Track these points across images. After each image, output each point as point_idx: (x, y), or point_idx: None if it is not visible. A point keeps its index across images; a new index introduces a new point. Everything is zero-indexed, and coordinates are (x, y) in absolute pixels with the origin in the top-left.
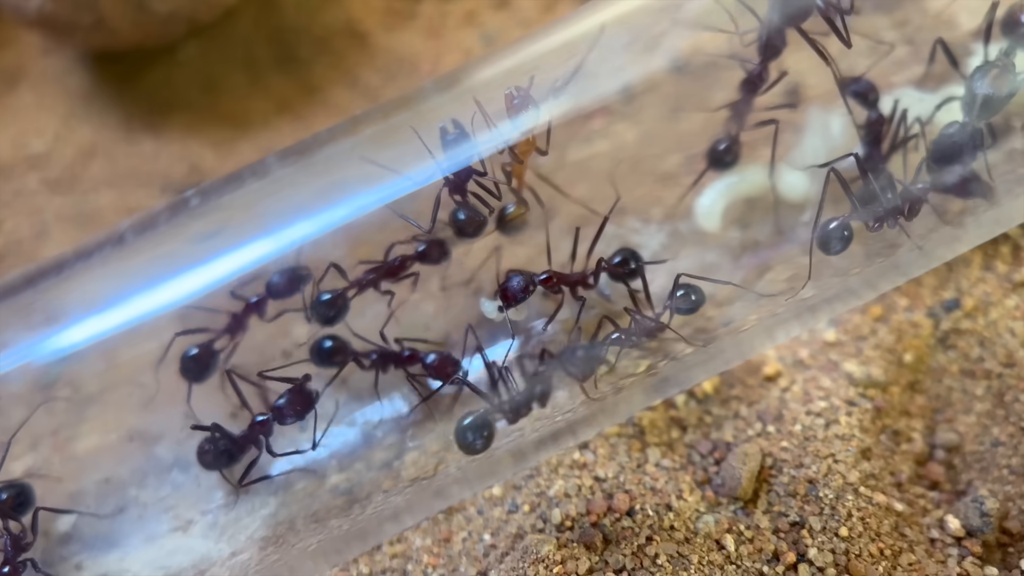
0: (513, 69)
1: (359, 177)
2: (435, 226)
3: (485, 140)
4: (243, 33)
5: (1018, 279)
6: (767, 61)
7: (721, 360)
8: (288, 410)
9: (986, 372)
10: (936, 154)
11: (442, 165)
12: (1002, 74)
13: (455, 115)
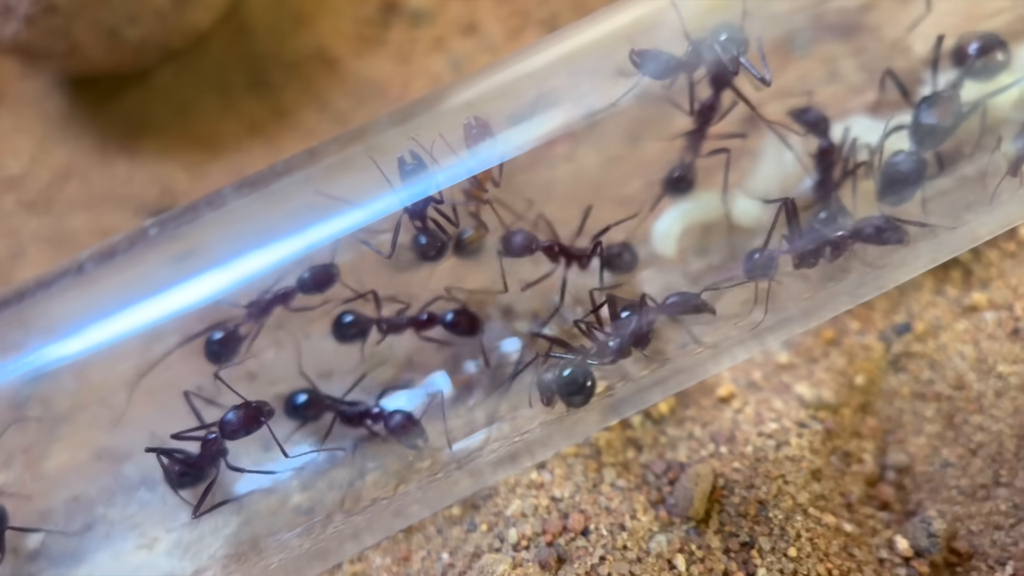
0: (477, 98)
1: (316, 207)
2: (395, 251)
3: (444, 169)
4: (216, 58)
5: (968, 303)
6: (718, 91)
7: (676, 382)
8: (235, 426)
9: (936, 394)
10: (883, 183)
11: (400, 194)
12: (946, 104)
13: (419, 141)
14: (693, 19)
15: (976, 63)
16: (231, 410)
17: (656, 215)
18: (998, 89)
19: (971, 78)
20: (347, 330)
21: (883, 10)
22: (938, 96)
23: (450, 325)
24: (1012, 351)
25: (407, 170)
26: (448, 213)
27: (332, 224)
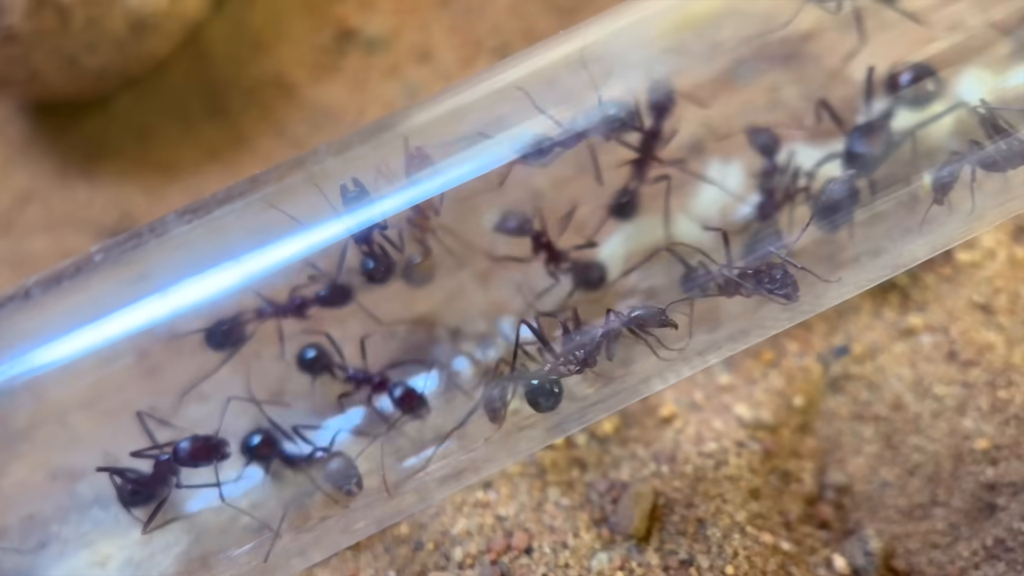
0: (421, 126)
1: (260, 231)
2: (341, 273)
3: (387, 196)
4: (175, 84)
5: (905, 326)
6: (660, 119)
7: (619, 399)
8: (186, 455)
9: (875, 415)
10: (818, 209)
11: (344, 220)
12: (877, 133)
13: (363, 168)
14: (665, 35)
15: (907, 92)
16: (188, 439)
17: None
18: (930, 117)
19: (904, 107)
20: (311, 365)
21: (824, 39)
22: (869, 125)
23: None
24: (948, 373)
25: (349, 197)
26: (394, 239)
27: (278, 250)
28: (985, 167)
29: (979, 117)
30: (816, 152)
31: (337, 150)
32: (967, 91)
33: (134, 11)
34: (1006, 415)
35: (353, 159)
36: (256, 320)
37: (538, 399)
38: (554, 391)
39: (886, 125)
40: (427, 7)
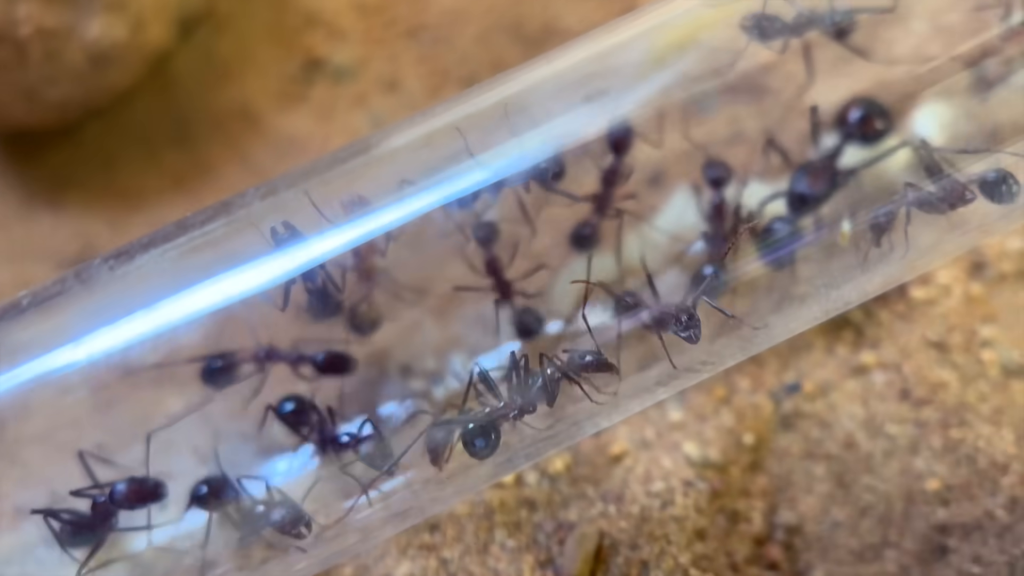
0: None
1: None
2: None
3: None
4: (142, 113)
5: (857, 364)
6: (620, 154)
7: (568, 435)
8: (125, 499)
9: (826, 454)
10: (761, 247)
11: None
12: (820, 173)
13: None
14: (657, 53)
15: (856, 130)
16: (125, 481)
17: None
18: (873, 158)
19: (853, 144)
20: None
21: (784, 72)
22: (812, 164)
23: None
24: (900, 412)
25: (280, 239)
26: (336, 279)
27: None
28: (924, 208)
29: (919, 157)
30: (766, 189)
31: (264, 194)
32: (922, 126)
33: (93, 44)
34: (958, 455)
35: (283, 202)
36: (252, 363)
37: (473, 445)
38: (490, 437)
39: (831, 165)
40: (395, 37)
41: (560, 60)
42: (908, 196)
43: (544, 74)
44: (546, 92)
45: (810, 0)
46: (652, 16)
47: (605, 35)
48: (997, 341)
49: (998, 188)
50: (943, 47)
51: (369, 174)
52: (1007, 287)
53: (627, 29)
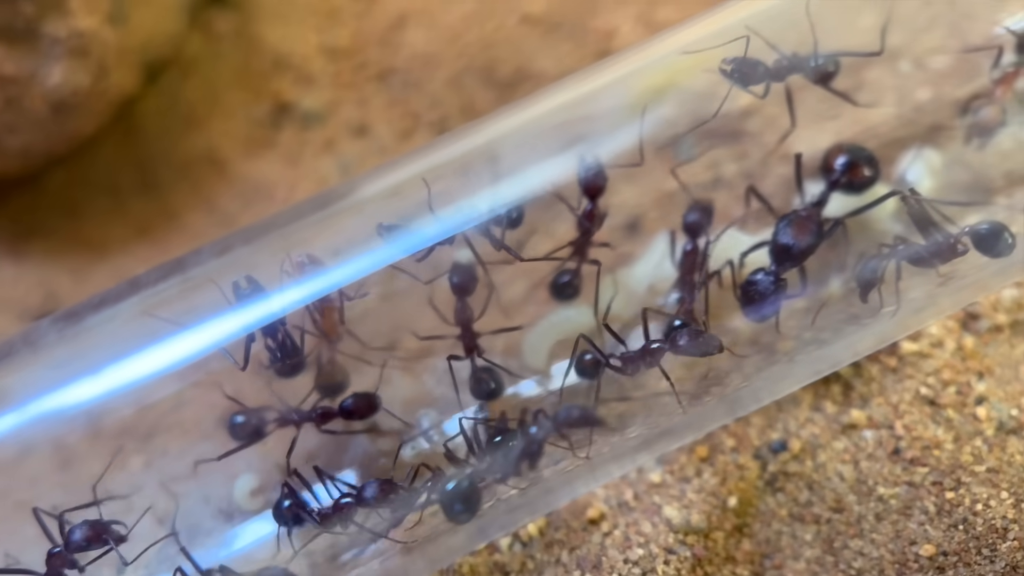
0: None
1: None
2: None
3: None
4: (107, 160)
5: (847, 421)
6: (594, 200)
7: (545, 502)
8: (79, 544)
9: (815, 517)
10: (743, 301)
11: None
12: (803, 224)
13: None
14: (640, 97)
15: (842, 177)
16: (77, 526)
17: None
18: (858, 208)
19: (839, 192)
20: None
21: (765, 116)
22: (795, 215)
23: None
24: (893, 472)
25: (242, 294)
26: (294, 337)
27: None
28: (914, 263)
29: (908, 208)
30: (748, 239)
31: (220, 251)
32: (912, 173)
33: (54, 91)
34: (953, 519)
35: (238, 259)
36: (276, 424)
37: (452, 509)
38: (470, 502)
39: (816, 214)
40: (365, 81)
41: (535, 107)
42: (897, 250)
43: (518, 121)
44: (520, 139)
45: (795, 43)
46: (629, 62)
47: (581, 81)
48: (992, 397)
49: (993, 241)
50: (933, 91)
51: (332, 227)
52: (1002, 340)
53: (603, 75)
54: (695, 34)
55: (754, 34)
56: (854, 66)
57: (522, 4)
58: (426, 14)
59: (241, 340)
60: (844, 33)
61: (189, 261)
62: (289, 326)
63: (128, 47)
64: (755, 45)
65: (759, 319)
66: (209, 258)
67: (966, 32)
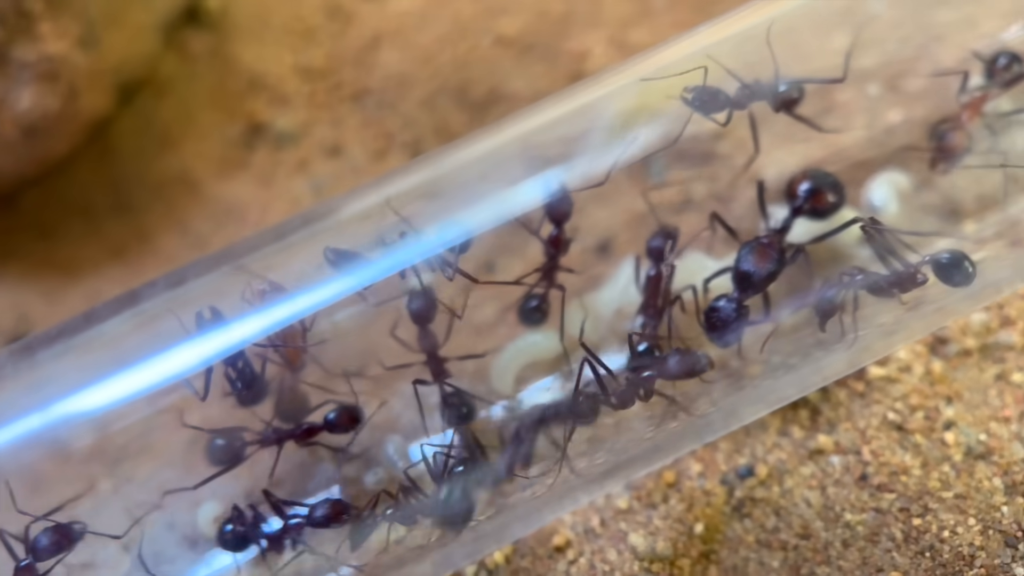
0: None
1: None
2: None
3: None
4: (82, 181)
5: (813, 447)
6: (559, 225)
7: (511, 531)
8: (48, 548)
9: (782, 543)
10: (706, 326)
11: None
12: (764, 251)
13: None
14: (621, 118)
15: (805, 204)
16: (42, 533)
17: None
18: (827, 232)
19: (803, 217)
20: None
21: (735, 139)
22: (756, 242)
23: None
24: (860, 498)
25: (204, 324)
26: (253, 365)
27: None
28: (873, 292)
29: (867, 237)
30: (714, 264)
31: (171, 284)
32: (878, 197)
33: (24, 116)
34: (920, 546)
35: (189, 292)
36: (257, 445)
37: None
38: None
39: (778, 241)
40: (340, 102)
41: (504, 131)
42: (855, 280)
43: (486, 147)
44: (488, 165)
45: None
46: (601, 86)
47: (551, 105)
48: (961, 422)
49: (954, 270)
50: (904, 113)
51: (292, 254)
52: (971, 364)
53: (575, 99)
54: (666, 59)
55: (714, 62)
56: (824, 89)
57: (496, 26)
58: (401, 35)
59: (201, 371)
60: (817, 55)
61: (143, 294)
62: (250, 354)
63: (100, 69)
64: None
65: (723, 345)
66: (164, 290)
67: (936, 55)
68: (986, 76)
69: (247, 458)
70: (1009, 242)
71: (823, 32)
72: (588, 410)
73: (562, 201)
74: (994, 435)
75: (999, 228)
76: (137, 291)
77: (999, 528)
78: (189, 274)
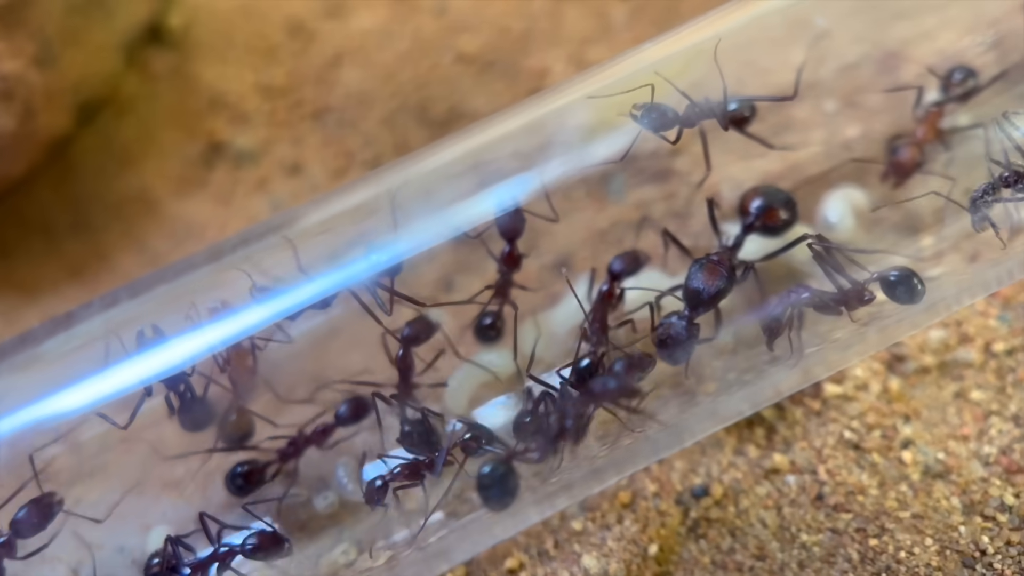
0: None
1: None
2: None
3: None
4: (42, 200)
5: (769, 466)
6: (512, 242)
7: (462, 549)
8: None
9: (738, 565)
10: (657, 344)
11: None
12: (713, 269)
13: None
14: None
15: (757, 221)
16: (22, 508)
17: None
18: (777, 250)
19: (756, 234)
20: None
21: (693, 155)
22: (706, 259)
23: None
24: (816, 518)
25: (145, 342)
26: (195, 388)
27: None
28: (819, 310)
29: (814, 254)
30: (669, 281)
31: (106, 305)
32: (833, 213)
33: None
34: (877, 567)
35: (123, 314)
36: (279, 461)
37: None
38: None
39: (728, 259)
40: (300, 120)
41: (457, 145)
42: (800, 298)
43: (441, 159)
44: (438, 179)
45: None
46: (554, 100)
47: (502, 121)
48: (919, 440)
49: (901, 287)
50: (862, 129)
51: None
52: (929, 382)
53: (527, 114)
54: (618, 74)
55: (662, 79)
56: (781, 106)
57: (457, 43)
58: (362, 53)
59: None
60: (776, 70)
61: (77, 315)
62: (195, 376)
63: (58, 88)
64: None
65: (673, 363)
66: (99, 311)
67: (895, 70)
68: (942, 91)
69: (268, 479)
70: (966, 257)
71: (780, 48)
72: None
73: (513, 218)
74: (952, 454)
75: (955, 242)
76: (73, 312)
77: (956, 548)
78: (123, 295)
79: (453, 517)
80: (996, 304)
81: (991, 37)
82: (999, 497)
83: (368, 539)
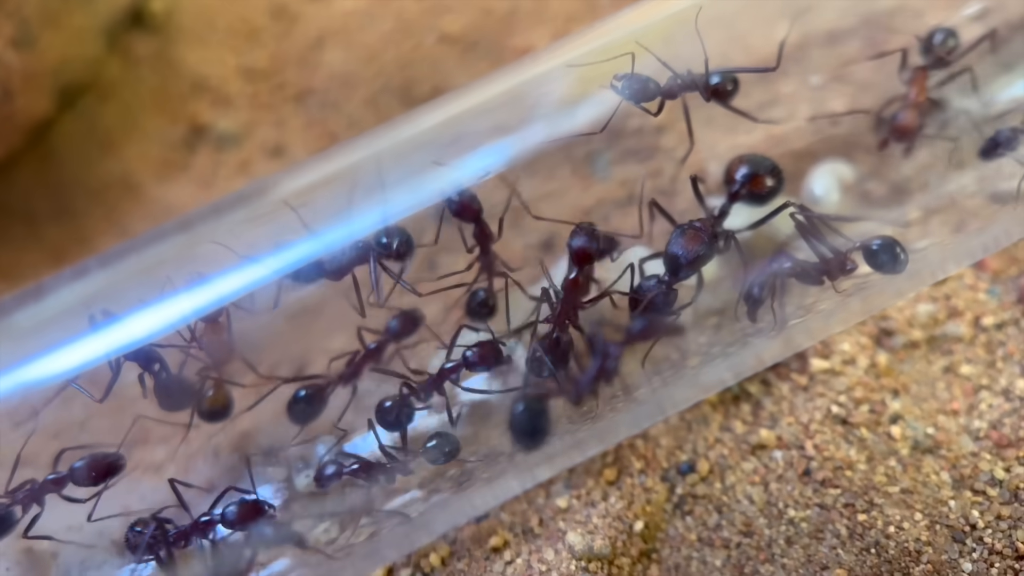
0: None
1: None
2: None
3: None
4: (23, 186)
5: (755, 441)
6: (477, 222)
7: (442, 520)
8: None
9: (725, 541)
10: (631, 306)
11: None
12: (695, 235)
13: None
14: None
15: (743, 189)
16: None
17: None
18: (753, 223)
19: (743, 203)
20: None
21: (679, 132)
22: (689, 225)
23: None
24: (803, 494)
25: (97, 325)
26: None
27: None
28: (801, 280)
29: (796, 224)
30: (648, 251)
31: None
32: (819, 185)
33: None
34: (866, 542)
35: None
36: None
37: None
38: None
39: (710, 226)
40: (283, 102)
41: (429, 117)
42: (781, 267)
43: (410, 132)
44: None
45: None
46: (530, 71)
47: (480, 90)
48: (908, 415)
49: (884, 256)
50: (848, 102)
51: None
52: (918, 356)
53: (504, 83)
54: (598, 42)
55: (643, 48)
56: (767, 79)
57: (440, 23)
58: (344, 34)
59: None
60: (762, 45)
61: (47, 286)
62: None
63: (38, 71)
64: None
65: (651, 329)
66: (69, 281)
67: (880, 44)
68: (923, 53)
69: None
70: (952, 227)
71: (767, 21)
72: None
73: (471, 200)
74: (942, 428)
75: (942, 213)
76: (43, 284)
77: (946, 523)
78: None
79: (435, 492)
80: (986, 278)
81: (976, 7)
82: (989, 471)
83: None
